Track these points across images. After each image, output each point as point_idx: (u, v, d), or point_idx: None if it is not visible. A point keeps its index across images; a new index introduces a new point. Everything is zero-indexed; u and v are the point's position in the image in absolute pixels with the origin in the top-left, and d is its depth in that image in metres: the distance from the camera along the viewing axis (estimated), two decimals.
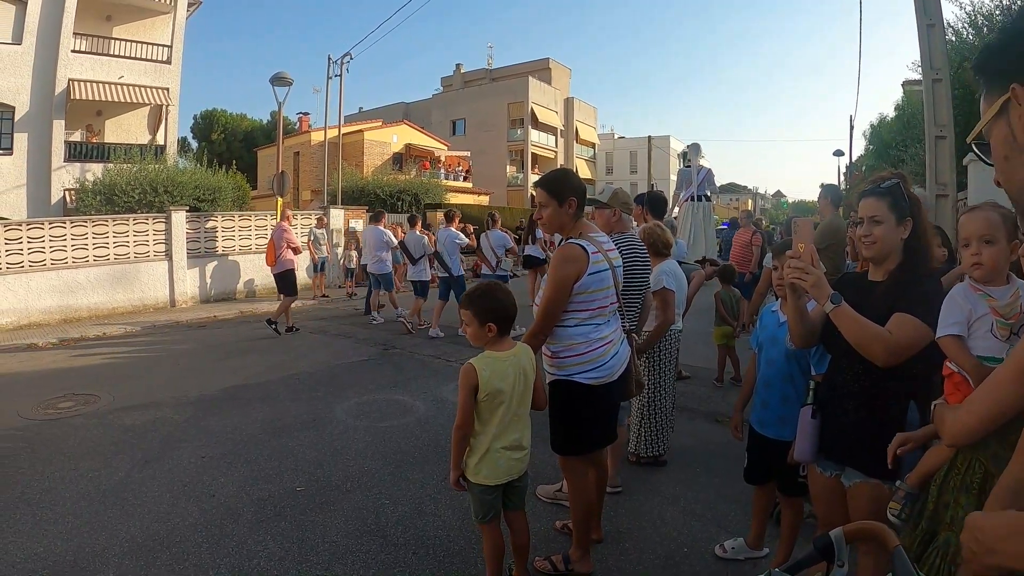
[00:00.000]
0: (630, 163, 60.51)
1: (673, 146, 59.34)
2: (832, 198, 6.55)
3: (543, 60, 53.48)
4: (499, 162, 47.38)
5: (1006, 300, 2.11)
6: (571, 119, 52.64)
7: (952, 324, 2.14)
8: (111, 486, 4.95)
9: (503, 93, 48.44)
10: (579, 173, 51.13)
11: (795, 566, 1.46)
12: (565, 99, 52.78)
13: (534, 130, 47.85)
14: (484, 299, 3.16)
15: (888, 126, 28.54)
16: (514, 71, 52.73)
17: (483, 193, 39.84)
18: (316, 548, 3.96)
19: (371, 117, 46.24)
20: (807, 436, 2.70)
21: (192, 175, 18.54)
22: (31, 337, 11.60)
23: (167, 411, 6.78)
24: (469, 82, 55.09)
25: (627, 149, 61.42)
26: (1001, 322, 2.09)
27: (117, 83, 22.19)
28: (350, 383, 8.03)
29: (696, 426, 6.20)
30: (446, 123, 49.98)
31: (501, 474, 3.16)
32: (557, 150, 50.81)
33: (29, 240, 13.22)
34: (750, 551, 3.84)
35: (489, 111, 48.02)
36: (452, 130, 49.68)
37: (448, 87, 56.47)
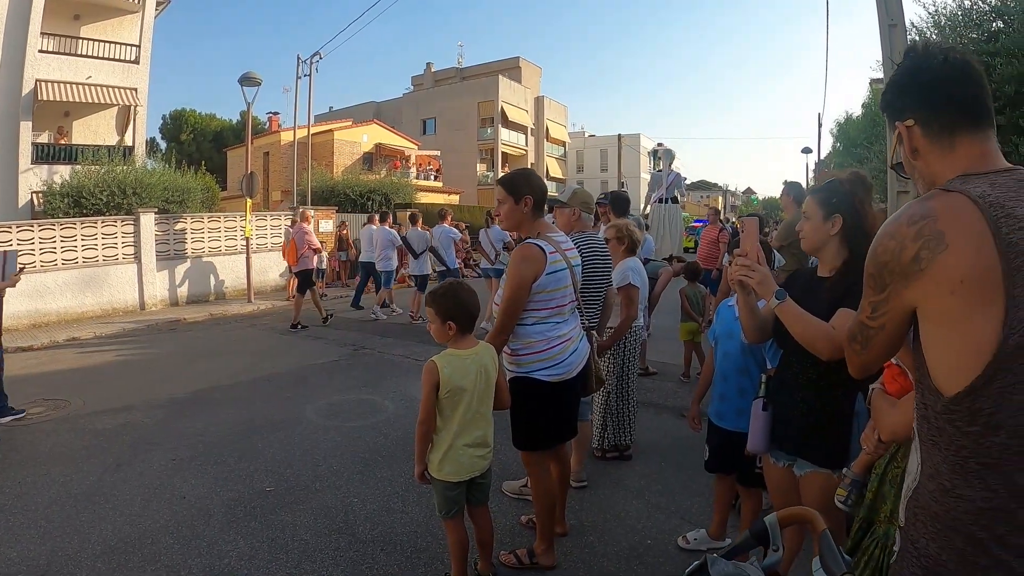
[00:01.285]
0: (600, 161, 60.75)
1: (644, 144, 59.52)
2: (794, 195, 6.65)
3: (514, 59, 53.50)
4: (469, 161, 47.34)
5: None
6: (541, 118, 52.67)
7: None
8: (83, 490, 4.94)
9: (473, 92, 48.42)
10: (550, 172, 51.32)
11: (732, 551, 1.54)
12: (536, 98, 52.81)
13: (504, 129, 47.86)
14: (446, 298, 3.22)
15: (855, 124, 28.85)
16: (485, 70, 52.69)
17: (453, 192, 39.78)
18: (286, 547, 3.99)
19: (341, 116, 46.01)
20: (759, 428, 2.78)
21: (161, 176, 18.31)
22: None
23: (137, 415, 6.75)
24: (439, 81, 54.95)
25: (597, 147, 61.66)
26: None
27: (85, 83, 21.85)
28: (320, 384, 8.04)
29: (662, 421, 6.29)
30: (416, 122, 49.85)
31: (464, 471, 3.22)
32: (527, 149, 50.84)
33: None
34: (712, 541, 3.93)
35: (459, 110, 47.98)
36: (422, 129, 49.57)
37: (419, 86, 56.28)
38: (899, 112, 1.50)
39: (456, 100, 48.62)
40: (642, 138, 59.92)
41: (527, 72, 53.31)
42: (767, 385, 2.85)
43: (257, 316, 14.43)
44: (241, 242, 17.01)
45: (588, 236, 4.48)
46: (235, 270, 17.08)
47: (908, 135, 1.48)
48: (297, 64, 22.21)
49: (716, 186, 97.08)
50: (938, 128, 1.42)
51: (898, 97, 1.52)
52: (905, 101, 1.50)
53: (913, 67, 1.49)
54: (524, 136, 50.61)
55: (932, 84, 1.45)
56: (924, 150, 1.46)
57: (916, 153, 1.48)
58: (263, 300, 16.10)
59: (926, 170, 1.47)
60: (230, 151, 41.06)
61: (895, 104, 1.53)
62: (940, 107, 1.43)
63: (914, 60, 1.50)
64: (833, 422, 2.53)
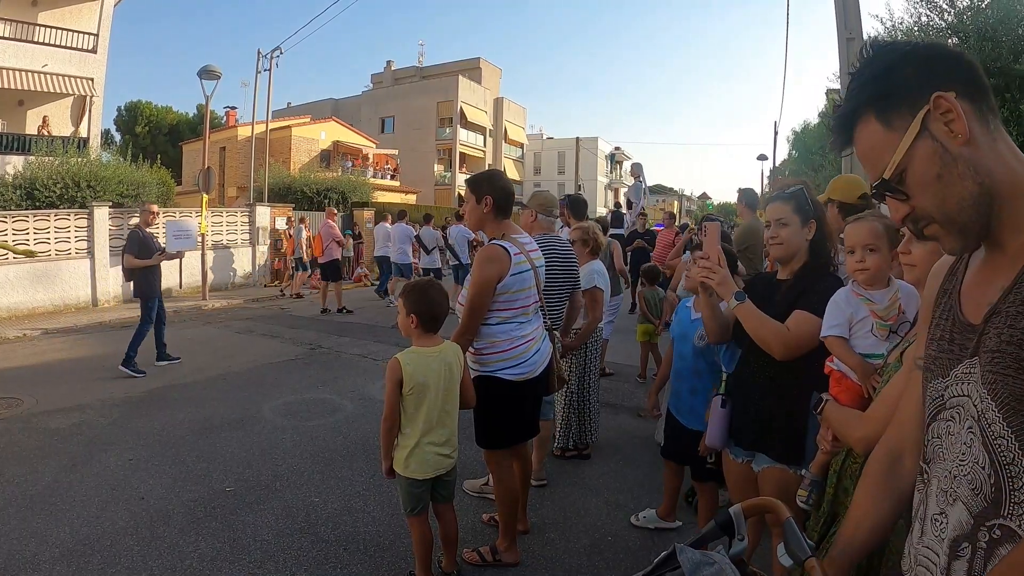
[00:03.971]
0: (558, 163, 60.90)
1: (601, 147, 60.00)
2: (748, 202, 6.80)
3: (474, 59, 53.43)
4: (427, 161, 47.17)
5: (885, 303, 2.35)
6: (500, 119, 52.72)
7: (834, 326, 2.37)
8: (38, 491, 4.84)
9: (433, 91, 48.26)
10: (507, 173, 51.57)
11: (699, 540, 1.59)
12: (495, 99, 52.83)
13: (463, 129, 47.80)
14: (415, 293, 3.28)
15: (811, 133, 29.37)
16: (445, 69, 52.51)
17: (410, 192, 39.63)
18: (248, 548, 3.97)
19: (299, 113, 45.48)
20: (718, 424, 2.87)
21: (116, 170, 17.84)
22: None
23: (92, 414, 6.62)
24: (399, 79, 54.64)
25: (555, 150, 61.79)
26: (880, 323, 2.33)
27: (40, 72, 21.30)
28: (277, 383, 7.98)
29: (619, 420, 6.38)
30: (375, 120, 49.53)
31: (429, 469, 3.25)
32: (486, 150, 50.83)
33: None
34: (660, 521, 4.13)
35: (419, 109, 47.77)
36: (381, 128, 49.26)
37: (378, 84, 55.89)
38: (928, 85, 1.10)
39: (415, 99, 48.39)
40: (600, 141, 60.32)
41: (487, 73, 53.31)
42: (727, 383, 2.94)
43: (212, 313, 14.25)
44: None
45: (551, 238, 4.54)
46: (190, 267, 16.77)
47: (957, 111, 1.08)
48: (257, 59, 22.02)
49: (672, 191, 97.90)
50: (986, 108, 1.12)
51: (926, 68, 1.13)
52: (936, 71, 1.12)
53: (925, 43, 1.21)
54: (483, 137, 50.59)
55: (959, 57, 1.15)
56: (977, 133, 1.09)
57: (966, 139, 1.08)
58: (218, 298, 15.89)
59: (980, 162, 1.09)
60: (186, 145, 40.33)
61: (922, 76, 1.12)
62: (979, 83, 1.12)
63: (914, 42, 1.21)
64: (789, 419, 2.61)
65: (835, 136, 1.25)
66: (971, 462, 1.06)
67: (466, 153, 48.87)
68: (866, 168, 1.21)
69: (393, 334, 11.17)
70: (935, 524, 1.13)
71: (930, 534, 1.15)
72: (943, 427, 1.14)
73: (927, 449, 1.19)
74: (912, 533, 1.22)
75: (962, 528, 1.06)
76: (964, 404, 1.09)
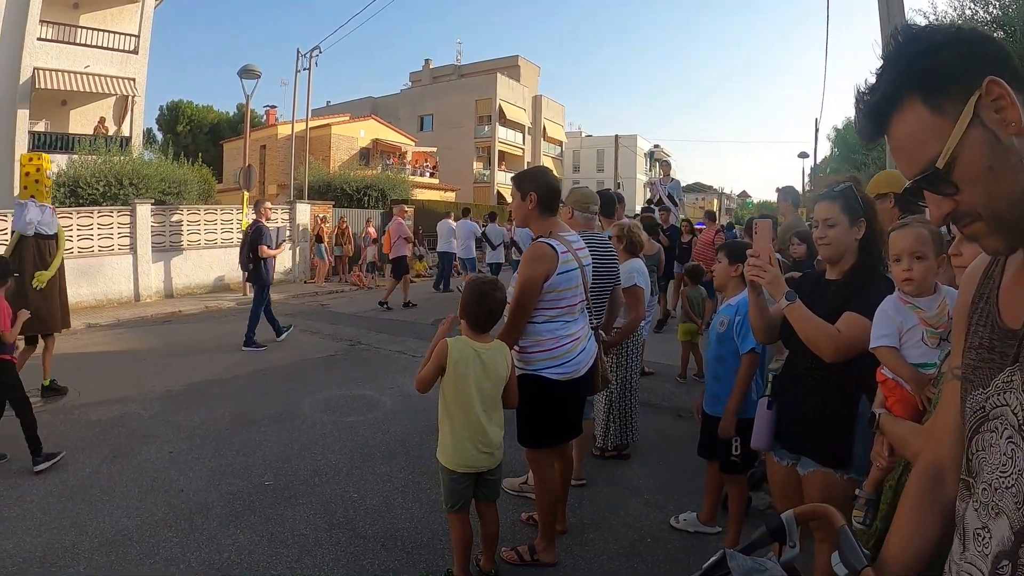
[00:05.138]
0: (597, 161, 60.76)
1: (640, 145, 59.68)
2: (791, 200, 6.69)
3: (512, 57, 53.49)
4: (466, 158, 47.28)
5: (934, 311, 2.26)
6: (539, 117, 52.67)
7: (884, 336, 2.29)
8: (79, 482, 4.91)
9: (471, 89, 48.39)
10: None
11: (749, 547, 1.54)
12: (533, 96, 52.80)
13: (502, 127, 47.86)
14: (472, 293, 3.27)
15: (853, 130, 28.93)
16: (483, 67, 52.65)
17: (450, 189, 39.75)
18: (286, 541, 3.99)
19: (339, 111, 45.84)
20: (763, 426, 2.81)
21: (158, 168, 18.21)
22: None
23: (133, 406, 6.71)
24: (437, 78, 54.85)
25: (594, 148, 61.65)
26: (931, 331, 2.24)
27: (83, 72, 21.74)
28: (316, 378, 8.02)
29: (659, 421, 6.31)
30: (414, 119, 49.75)
31: (467, 462, 3.24)
32: (524, 147, 50.83)
33: None
34: (700, 525, 4.06)
35: (457, 107, 47.88)
36: (420, 126, 49.48)
37: (416, 82, 56.17)
38: (978, 69, 1.00)
39: (454, 97, 48.53)
40: (639, 139, 60.02)
41: (525, 71, 53.31)
42: (773, 384, 2.88)
43: None
44: (238, 235, 16.95)
45: (591, 235, 4.46)
46: (231, 263, 16.95)
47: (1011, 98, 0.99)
48: (296, 58, 22.20)
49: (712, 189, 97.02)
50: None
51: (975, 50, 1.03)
52: (986, 54, 1.03)
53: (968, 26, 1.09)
54: (521, 135, 50.60)
55: (1000, 42, 1.07)
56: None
57: (1019, 128, 0.99)
58: None
59: None
60: (226, 144, 40.96)
61: (971, 59, 1.02)
62: (1020, 71, 1.02)
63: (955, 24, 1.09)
64: (836, 422, 2.55)
65: (867, 123, 1.13)
66: (1015, 473, 1.00)
67: (505, 151, 48.92)
68: (903, 159, 1.10)
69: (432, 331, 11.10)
70: (978, 539, 1.08)
71: (972, 549, 1.09)
72: (986, 439, 1.08)
73: (971, 462, 1.13)
74: (954, 549, 1.16)
75: (1004, 544, 1.01)
76: (1004, 414, 1.03)
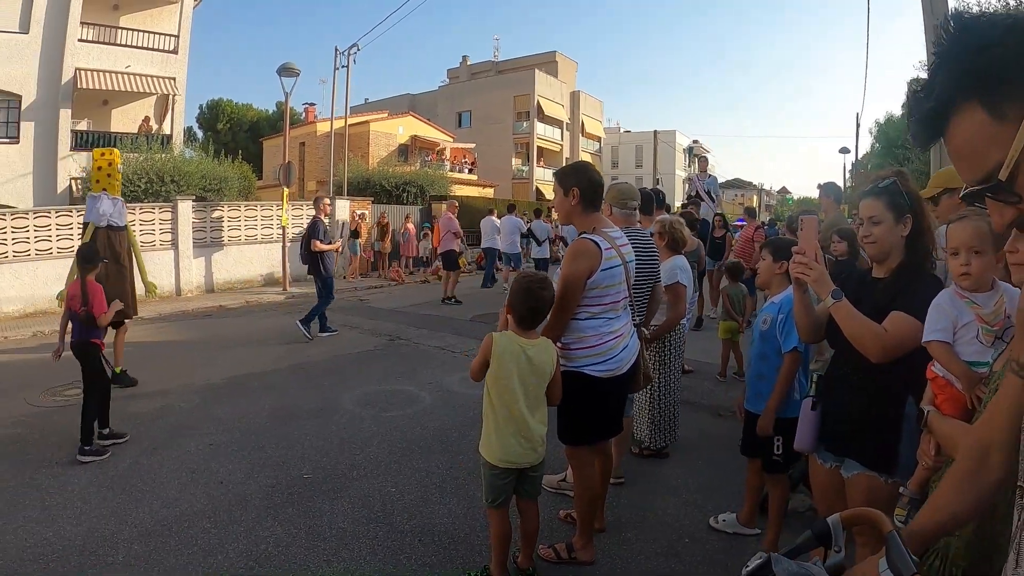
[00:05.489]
0: (635, 158, 60.47)
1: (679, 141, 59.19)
2: (833, 196, 6.58)
3: (550, 53, 53.37)
4: (504, 154, 47.31)
5: (990, 308, 2.18)
6: (577, 112, 52.53)
7: (938, 330, 2.21)
8: (119, 472, 5.00)
9: (509, 86, 48.40)
10: None
11: (793, 551, 1.51)
12: (571, 92, 52.69)
13: (540, 123, 47.83)
14: (518, 290, 3.26)
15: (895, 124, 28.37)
16: (520, 64, 52.65)
17: (488, 185, 39.83)
18: (323, 534, 4.02)
19: (377, 108, 46.12)
20: (807, 426, 2.75)
21: (198, 165, 18.54)
22: (37, 325, 11.66)
23: (174, 399, 6.80)
24: (475, 74, 54.98)
25: (633, 143, 61.34)
26: (986, 328, 2.16)
27: (124, 72, 22.14)
28: (356, 373, 8.08)
29: (699, 419, 6.24)
30: (452, 115, 49.90)
31: (510, 457, 3.23)
32: (563, 143, 50.74)
33: (36, 228, 13.26)
34: (739, 526, 4.01)
35: (495, 103, 47.94)
36: (458, 122, 49.60)
37: (454, 79, 56.33)
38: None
39: (492, 94, 48.60)
40: (678, 135, 59.55)
41: (563, 66, 53.17)
42: (818, 384, 2.82)
43: (292, 304, 14.53)
44: (277, 231, 17.20)
45: (633, 232, 4.41)
46: (271, 259, 17.26)
47: None
48: (335, 56, 22.39)
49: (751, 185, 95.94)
50: None
51: None
52: None
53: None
54: (559, 131, 50.53)
55: None
56: None
57: None
58: (299, 288, 16.24)
59: None
60: (266, 141, 41.51)
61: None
62: None
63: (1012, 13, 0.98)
64: (882, 424, 2.48)
65: (922, 129, 1.04)
66: None
67: (543, 147, 48.90)
68: (962, 166, 1.02)
69: (472, 327, 11.23)
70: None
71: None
72: None
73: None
74: (1008, 563, 1.12)
75: None
76: None
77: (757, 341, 3.69)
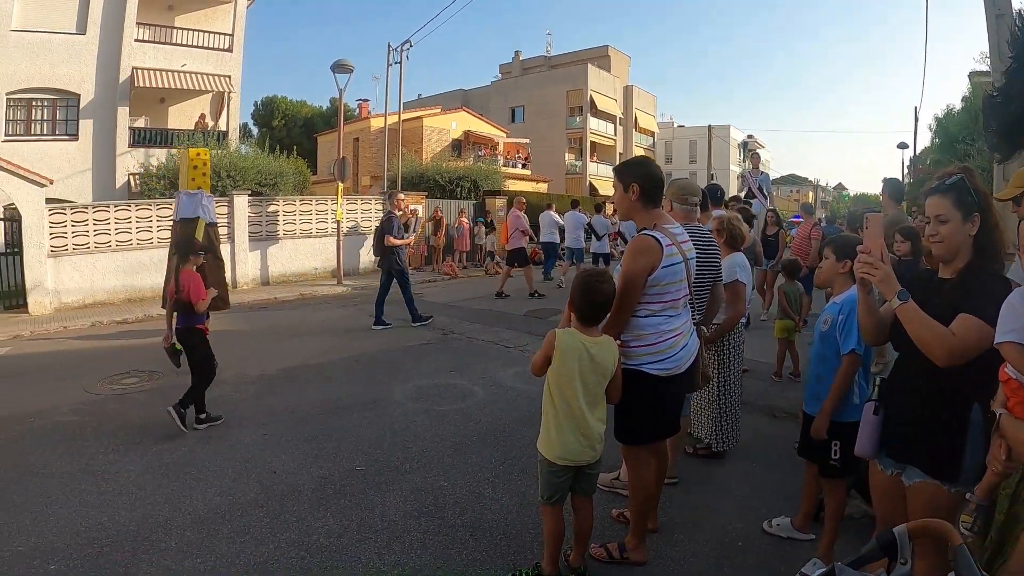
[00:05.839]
0: (690, 152, 59.78)
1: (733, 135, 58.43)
2: (891, 193, 6.42)
3: (602, 47, 53.02)
4: (558, 149, 47.17)
5: None
6: (630, 107, 52.13)
7: (1011, 331, 2.10)
8: (174, 460, 5.13)
9: (562, 80, 48.21)
10: None
11: (858, 560, 1.47)
12: (624, 87, 52.29)
13: (593, 118, 47.56)
14: (579, 286, 3.23)
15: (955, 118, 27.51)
16: (573, 58, 52.43)
17: (542, 180, 39.76)
18: (375, 527, 4.05)
19: (430, 104, 46.32)
20: (868, 431, 2.68)
21: (254, 160, 18.91)
22: (96, 316, 12.05)
23: (228, 389, 6.92)
24: (528, 69, 54.92)
25: (686, 138, 60.67)
26: None
27: (180, 71, 22.66)
28: (408, 366, 8.12)
29: (753, 420, 6.11)
30: (505, 110, 49.90)
31: (569, 455, 3.21)
32: (616, 138, 50.43)
33: (95, 222, 13.75)
34: (793, 531, 3.93)
35: (548, 98, 47.81)
36: (511, 117, 49.59)
37: (507, 74, 56.34)
38: None
39: (544, 89, 48.46)
40: (732, 129, 58.75)
41: (616, 61, 52.79)
42: (880, 388, 2.75)
43: (346, 297, 14.76)
44: (332, 225, 17.46)
45: (693, 228, 4.32)
46: (325, 252, 17.52)
47: None
48: (388, 52, 22.51)
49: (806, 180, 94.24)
50: None
51: None
52: None
53: None
54: (613, 125, 50.21)
55: None
56: None
57: None
58: (352, 282, 16.44)
59: None
60: (320, 137, 42.04)
61: None
62: None
63: None
64: (946, 431, 2.40)
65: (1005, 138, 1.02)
66: None
67: (596, 142, 48.66)
68: None
69: (525, 322, 11.25)
70: None
71: None
72: None
73: None
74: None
75: None
76: None
77: (817, 342, 3.60)
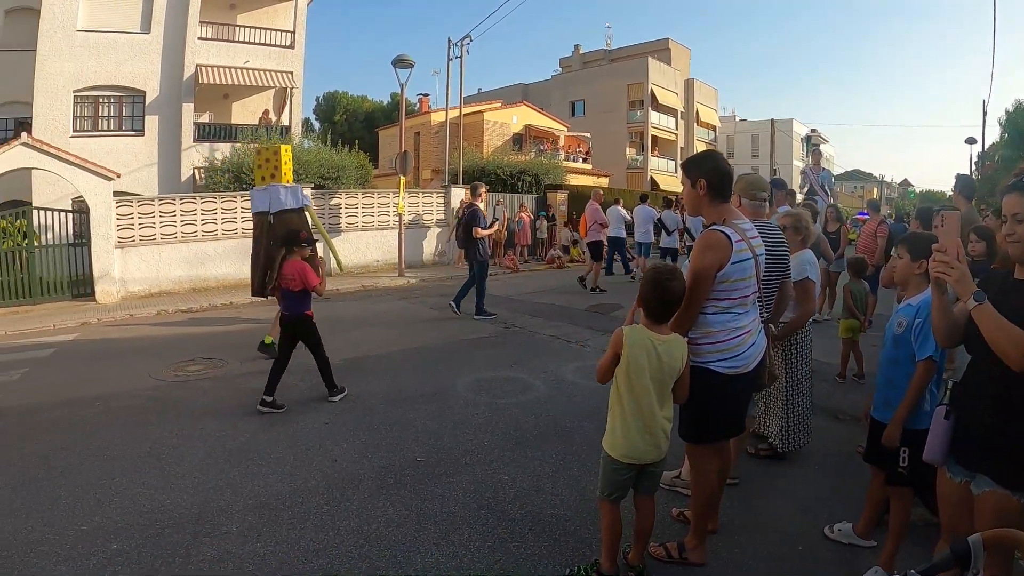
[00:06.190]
0: (751, 147, 58.95)
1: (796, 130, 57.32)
2: (963, 190, 6.24)
3: (662, 40, 52.53)
4: (618, 144, 46.95)
5: None
6: (691, 101, 51.58)
7: None
8: (237, 446, 5.27)
9: (622, 74, 47.95)
10: None
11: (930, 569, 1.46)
12: (685, 80, 51.78)
13: (654, 112, 47.20)
14: (648, 281, 3.21)
15: None
16: (633, 51, 52.11)
17: (602, 175, 39.54)
18: (434, 517, 4.09)
19: (490, 98, 46.42)
20: (938, 437, 2.63)
21: (316, 154, 19.31)
22: (162, 304, 12.48)
23: (292, 378, 6.94)
24: (588, 63, 54.74)
25: (748, 132, 59.86)
26: None
27: (242, 68, 23.23)
28: (470, 359, 8.17)
29: (816, 422, 5.94)
30: (565, 104, 49.81)
31: (634, 453, 3.21)
32: (677, 132, 49.98)
33: (161, 215, 14.29)
34: (855, 538, 3.84)
35: (608, 92, 47.59)
36: (571, 111, 49.49)
37: (567, 68, 56.25)
38: None
39: (605, 82, 48.23)
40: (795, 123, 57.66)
41: (676, 54, 52.25)
42: (952, 392, 2.69)
43: (408, 290, 14.92)
44: (393, 218, 17.69)
45: (763, 224, 4.22)
46: (386, 245, 17.77)
47: None
48: (448, 47, 22.65)
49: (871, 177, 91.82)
50: None
51: None
52: None
53: None
54: (674, 119, 49.77)
55: None
56: None
57: None
58: (413, 274, 16.61)
59: None
60: (381, 131, 42.58)
61: None
62: None
63: None
64: (1019, 439, 2.34)
65: None
66: None
67: (657, 136, 48.27)
68: None
69: (587, 317, 11.24)
70: None
71: None
72: None
73: None
74: None
75: None
76: None
77: (889, 345, 3.47)
